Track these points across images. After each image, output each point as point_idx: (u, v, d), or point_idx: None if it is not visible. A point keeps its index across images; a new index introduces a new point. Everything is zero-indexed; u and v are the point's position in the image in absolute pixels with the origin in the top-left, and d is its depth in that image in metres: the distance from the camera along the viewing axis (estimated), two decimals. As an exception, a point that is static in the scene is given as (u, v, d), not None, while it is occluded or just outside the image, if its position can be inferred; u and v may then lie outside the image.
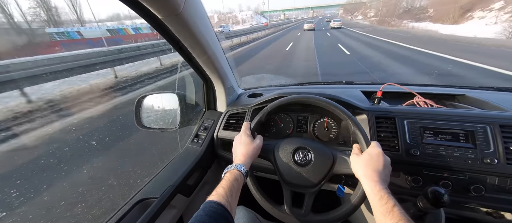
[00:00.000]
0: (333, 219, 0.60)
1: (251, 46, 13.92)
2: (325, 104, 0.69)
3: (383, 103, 0.90)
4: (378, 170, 0.54)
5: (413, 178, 0.71)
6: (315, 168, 0.63)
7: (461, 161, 0.67)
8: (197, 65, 0.82)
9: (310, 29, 25.82)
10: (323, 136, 0.89)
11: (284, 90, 1.13)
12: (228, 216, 0.46)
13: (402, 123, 0.74)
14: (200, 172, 0.94)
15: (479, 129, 0.67)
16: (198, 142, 0.96)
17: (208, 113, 1.08)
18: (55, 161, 2.45)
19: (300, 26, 33.38)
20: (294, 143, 0.68)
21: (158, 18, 0.52)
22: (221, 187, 0.52)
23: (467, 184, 0.67)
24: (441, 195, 0.53)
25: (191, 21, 0.57)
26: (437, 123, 0.72)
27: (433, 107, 0.86)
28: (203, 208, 0.46)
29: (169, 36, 0.61)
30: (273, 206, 0.64)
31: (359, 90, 1.00)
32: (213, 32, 0.75)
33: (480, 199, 0.67)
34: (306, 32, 22.43)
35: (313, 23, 28.24)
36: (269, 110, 0.73)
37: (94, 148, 2.70)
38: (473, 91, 0.96)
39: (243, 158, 0.63)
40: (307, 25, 26.58)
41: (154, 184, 0.73)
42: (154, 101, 1.09)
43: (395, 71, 5.62)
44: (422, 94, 0.92)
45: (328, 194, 0.95)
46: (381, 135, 0.75)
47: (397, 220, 0.42)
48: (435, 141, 0.71)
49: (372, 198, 0.49)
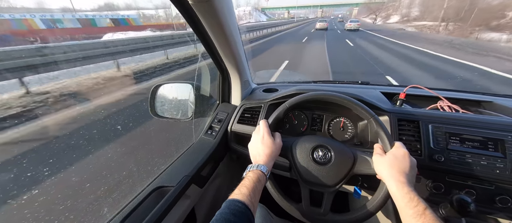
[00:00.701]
0: (355, 219, 0.58)
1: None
2: (347, 102, 0.66)
3: (405, 106, 0.87)
4: (405, 171, 0.51)
5: (435, 184, 0.69)
6: (335, 167, 0.62)
7: (489, 170, 0.64)
8: (217, 55, 0.81)
9: (322, 29, 24.89)
10: (338, 135, 0.87)
11: (301, 87, 1.11)
12: (251, 217, 0.45)
13: (427, 127, 0.71)
14: (213, 164, 0.94)
15: (510, 137, 0.64)
16: (212, 134, 0.95)
17: (222, 106, 1.08)
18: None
19: (303, 30, 26.01)
20: (313, 141, 0.67)
21: (188, 4, 0.51)
22: (245, 187, 0.51)
23: (493, 194, 0.64)
24: (467, 204, 0.51)
25: (219, 9, 0.56)
26: (464, 129, 0.69)
27: (460, 112, 0.82)
28: (228, 206, 0.45)
29: (194, 24, 0.60)
30: (291, 204, 0.64)
31: (379, 91, 0.97)
32: (236, 24, 0.73)
33: (506, 210, 0.64)
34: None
35: (326, 22, 27.04)
36: (288, 107, 0.71)
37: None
38: (500, 99, 0.91)
39: (266, 159, 0.61)
40: (320, 24, 25.64)
41: (170, 172, 0.74)
42: (169, 90, 1.09)
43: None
44: (447, 98, 0.89)
45: (342, 195, 0.94)
46: (403, 138, 0.73)
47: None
48: (461, 147, 0.68)
49: (400, 200, 0.47)
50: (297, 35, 18.10)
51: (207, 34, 0.65)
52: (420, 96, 0.96)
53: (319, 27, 25.12)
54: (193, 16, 0.56)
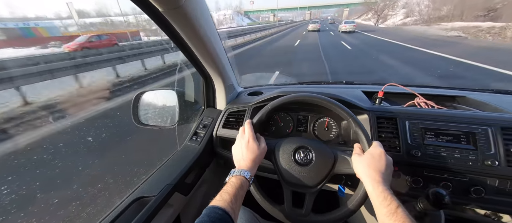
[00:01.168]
0: (335, 219, 0.59)
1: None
2: (327, 103, 0.68)
3: (384, 104, 0.89)
4: (381, 170, 0.53)
5: (414, 179, 0.71)
6: (316, 168, 0.63)
7: (462, 162, 0.66)
8: (197, 61, 0.80)
9: (315, 30, 24.18)
10: (323, 135, 0.88)
11: (285, 89, 1.12)
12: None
13: (404, 123, 0.74)
14: (199, 170, 0.93)
15: (480, 130, 0.67)
16: (196, 140, 0.94)
17: (207, 111, 1.07)
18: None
19: (290, 35, 20.69)
20: (294, 142, 0.68)
21: (158, 12, 0.51)
22: (227, 193, 0.51)
23: (468, 185, 0.67)
24: (442, 196, 0.53)
25: (192, 15, 0.56)
26: (438, 124, 0.71)
27: (435, 108, 0.85)
28: (208, 214, 0.45)
29: (169, 31, 0.60)
30: (273, 206, 0.64)
31: (360, 90, 1.00)
32: (214, 28, 0.73)
33: (480, 201, 0.67)
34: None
35: (318, 23, 26.35)
36: (270, 109, 0.72)
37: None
38: (473, 93, 0.96)
39: (249, 164, 0.61)
40: (312, 25, 25.04)
41: (151, 182, 0.72)
42: (153, 98, 1.07)
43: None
44: (422, 95, 0.92)
45: (328, 194, 0.94)
46: (382, 135, 0.75)
47: (402, 221, 0.41)
48: (436, 142, 0.70)
49: (375, 199, 0.49)
50: (284, 43, 14.39)
51: (184, 40, 0.65)
52: (398, 94, 1.00)
53: (311, 29, 24.59)
54: (167, 23, 0.56)
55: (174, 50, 0.79)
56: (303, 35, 19.67)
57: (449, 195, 0.54)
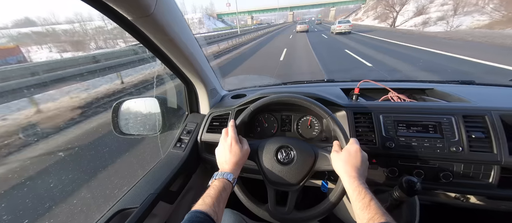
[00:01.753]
0: (315, 215, 0.61)
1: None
2: (306, 103, 0.70)
3: (360, 100, 0.94)
4: (357, 166, 0.56)
5: (390, 169, 0.75)
6: (298, 166, 0.64)
7: (431, 150, 0.72)
8: (176, 67, 0.79)
9: (303, 31, 23.45)
10: (307, 133, 0.91)
11: (267, 90, 1.14)
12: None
13: (378, 117, 0.78)
14: (184, 177, 0.92)
15: (445, 120, 0.73)
16: (181, 147, 0.93)
17: (191, 116, 1.06)
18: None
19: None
20: (277, 142, 0.69)
21: (128, 21, 0.50)
22: (209, 196, 0.51)
23: (437, 171, 0.72)
24: (414, 184, 0.57)
25: (164, 21, 0.55)
26: (409, 116, 0.77)
27: (406, 101, 0.91)
28: (190, 219, 0.45)
29: (143, 39, 0.58)
30: (258, 206, 0.65)
31: (339, 88, 1.04)
32: (190, 33, 0.73)
33: (449, 184, 0.72)
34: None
35: (306, 24, 25.83)
36: (252, 110, 0.73)
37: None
38: (440, 85, 1.04)
39: (233, 167, 0.62)
40: (300, 26, 24.43)
41: (133, 193, 0.70)
42: (133, 106, 1.04)
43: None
44: (395, 89, 0.98)
45: (315, 190, 0.97)
46: (359, 130, 0.79)
47: (374, 213, 0.44)
48: (407, 133, 0.75)
49: (351, 194, 0.51)
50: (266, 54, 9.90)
51: (159, 48, 0.64)
52: (373, 90, 1.05)
53: (300, 30, 23.95)
54: (139, 31, 0.55)
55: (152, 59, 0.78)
56: (290, 41, 14.87)
57: (421, 182, 0.59)
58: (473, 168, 0.71)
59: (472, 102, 0.80)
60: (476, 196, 0.78)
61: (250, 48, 13.31)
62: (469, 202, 0.81)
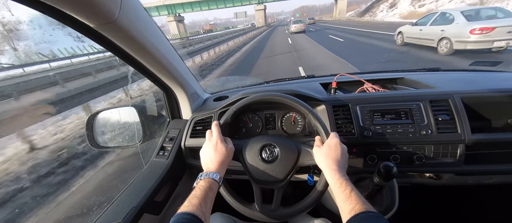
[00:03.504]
0: (301, 209, 0.63)
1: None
2: (287, 100, 0.71)
3: (338, 93, 0.98)
4: (337, 159, 0.58)
5: (369, 156, 0.80)
6: (282, 163, 0.66)
7: (404, 135, 0.77)
8: (151, 73, 0.76)
9: (299, 31, 19.97)
10: (291, 129, 0.93)
11: (249, 90, 1.14)
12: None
13: (355, 108, 0.82)
14: (170, 185, 0.89)
15: (414, 106, 0.79)
16: (164, 154, 0.90)
17: (173, 122, 1.03)
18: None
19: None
20: (260, 141, 0.70)
21: (91, 28, 0.47)
22: (195, 197, 0.50)
23: (411, 154, 0.78)
24: (390, 168, 0.61)
25: (131, 26, 0.53)
26: (383, 105, 0.81)
27: (379, 91, 0.97)
28: (175, 221, 0.43)
29: (110, 46, 0.55)
30: (245, 206, 0.65)
31: (318, 83, 1.07)
32: (162, 35, 0.70)
33: (422, 166, 0.78)
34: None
35: (302, 23, 21.43)
36: (234, 110, 0.73)
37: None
38: (409, 74, 1.11)
39: (218, 166, 0.61)
40: (295, 26, 20.70)
41: (115, 208, 0.66)
42: (109, 117, 0.99)
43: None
44: (369, 81, 1.03)
45: (303, 184, 1.00)
46: (339, 122, 0.82)
47: (355, 204, 0.46)
48: (382, 121, 0.80)
49: (333, 186, 0.53)
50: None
51: (129, 54, 0.61)
52: (349, 82, 1.10)
53: (295, 30, 20.49)
54: (104, 38, 0.52)
55: (122, 65, 0.74)
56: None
57: (397, 165, 0.63)
58: (442, 148, 0.77)
59: (437, 88, 0.87)
60: (446, 174, 0.85)
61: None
62: (441, 181, 0.88)
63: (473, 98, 0.79)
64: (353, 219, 0.44)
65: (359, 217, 0.44)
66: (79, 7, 0.40)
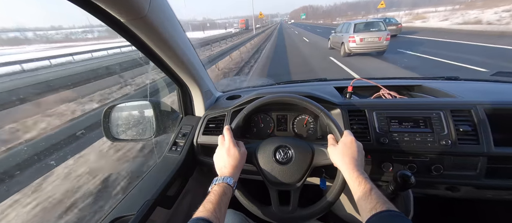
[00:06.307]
0: (320, 210, 0.62)
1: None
2: (299, 101, 0.71)
3: (354, 98, 0.96)
4: (354, 157, 0.57)
5: (384, 164, 0.78)
6: (297, 164, 0.65)
7: (422, 144, 0.74)
8: (170, 70, 0.78)
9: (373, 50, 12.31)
10: (303, 132, 0.92)
11: (262, 91, 1.14)
12: None
13: (371, 114, 0.80)
14: (181, 181, 0.90)
15: (434, 114, 0.76)
16: (177, 150, 0.91)
17: (185, 119, 1.04)
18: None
19: None
20: (274, 143, 0.69)
21: (121, 23, 0.48)
22: (210, 202, 0.50)
23: (429, 164, 0.75)
24: (408, 177, 0.59)
25: (158, 23, 0.54)
26: (401, 112, 0.79)
27: (397, 98, 0.94)
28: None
29: (136, 41, 0.57)
30: (261, 208, 0.65)
31: (332, 86, 1.06)
32: (184, 34, 0.72)
33: (440, 177, 0.75)
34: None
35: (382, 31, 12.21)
36: (245, 113, 0.73)
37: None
38: (427, 82, 1.08)
39: (232, 171, 0.61)
40: (361, 37, 10.61)
41: (129, 200, 0.68)
42: (125, 111, 1.02)
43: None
44: (386, 86, 1.01)
45: (311, 188, 0.98)
46: (354, 127, 0.80)
47: (375, 202, 0.45)
48: (400, 128, 0.78)
49: (352, 184, 0.52)
50: None
51: (152, 50, 0.63)
52: (365, 87, 1.08)
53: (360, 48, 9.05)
54: (132, 33, 0.54)
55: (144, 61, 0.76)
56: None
57: (414, 175, 0.61)
58: (462, 160, 0.74)
59: (458, 97, 0.83)
60: (465, 186, 0.82)
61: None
62: (458, 193, 0.85)
63: (497, 110, 0.75)
64: (375, 217, 0.43)
65: (382, 215, 0.42)
66: (114, 2, 0.42)
